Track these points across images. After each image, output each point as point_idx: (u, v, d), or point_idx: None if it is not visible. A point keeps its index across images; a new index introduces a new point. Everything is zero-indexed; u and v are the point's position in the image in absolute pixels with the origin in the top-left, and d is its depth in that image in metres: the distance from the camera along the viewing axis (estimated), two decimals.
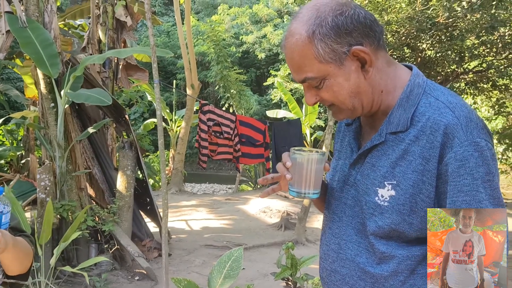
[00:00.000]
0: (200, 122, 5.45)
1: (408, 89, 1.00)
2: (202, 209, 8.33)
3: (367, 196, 1.02)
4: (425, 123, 0.95)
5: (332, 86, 0.98)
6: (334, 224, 1.12)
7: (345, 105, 1.01)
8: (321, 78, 0.98)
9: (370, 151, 1.04)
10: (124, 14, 6.04)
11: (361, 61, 0.97)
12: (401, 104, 1.00)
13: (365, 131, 1.11)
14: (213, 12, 19.72)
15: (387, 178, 0.98)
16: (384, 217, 0.98)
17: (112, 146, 6.15)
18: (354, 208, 1.06)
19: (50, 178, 4.32)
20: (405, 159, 0.96)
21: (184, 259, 5.27)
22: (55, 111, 4.44)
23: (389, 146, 1.00)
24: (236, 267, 2.69)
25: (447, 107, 0.95)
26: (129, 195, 5.04)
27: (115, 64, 6.03)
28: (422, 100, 0.98)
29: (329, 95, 1.00)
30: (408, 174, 0.95)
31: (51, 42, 4.33)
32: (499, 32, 6.39)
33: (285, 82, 14.10)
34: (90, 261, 3.16)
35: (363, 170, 1.04)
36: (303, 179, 1.02)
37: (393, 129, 0.99)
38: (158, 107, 3.47)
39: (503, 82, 7.48)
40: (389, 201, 0.97)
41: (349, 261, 1.06)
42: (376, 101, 1.02)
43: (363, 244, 1.04)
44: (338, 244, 1.09)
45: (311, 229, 6.63)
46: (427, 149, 0.93)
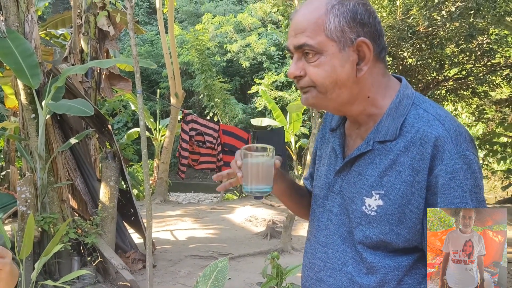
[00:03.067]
0: (182, 132, 5.43)
1: (398, 99, 1.01)
2: (187, 219, 8.26)
3: (354, 205, 1.01)
4: (415, 135, 0.95)
5: (324, 65, 0.96)
6: (320, 232, 1.10)
7: (325, 90, 0.98)
8: (319, 51, 0.96)
9: (356, 159, 1.03)
10: (107, 24, 6.00)
11: (360, 57, 0.98)
12: (390, 114, 1.00)
13: (349, 139, 1.10)
14: (196, 21, 19.76)
15: (374, 187, 0.98)
16: (372, 227, 0.97)
17: (95, 156, 6.07)
18: (340, 216, 1.05)
19: (31, 190, 4.24)
20: (393, 169, 0.96)
21: (169, 270, 5.21)
22: (36, 122, 4.37)
23: (376, 155, 1.00)
24: (222, 278, 2.66)
25: (437, 119, 0.96)
26: (113, 206, 4.97)
27: (97, 73, 5.98)
28: (411, 111, 0.99)
29: (315, 73, 0.97)
30: (397, 184, 0.95)
31: (31, 53, 4.27)
32: (477, 40, 6.54)
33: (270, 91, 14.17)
34: (73, 275, 3.10)
35: (349, 178, 1.04)
36: (254, 177, 1.05)
37: (381, 138, 0.99)
38: (141, 117, 3.45)
39: (482, 89, 7.64)
40: (376, 210, 0.97)
41: (336, 270, 1.04)
42: (358, 105, 1.02)
43: (349, 253, 1.02)
44: (325, 253, 1.07)
45: (297, 237, 6.63)
46: (417, 160, 0.93)
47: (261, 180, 1.06)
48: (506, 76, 7.32)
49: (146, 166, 3.40)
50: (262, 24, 18.75)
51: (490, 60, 7.09)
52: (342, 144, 1.10)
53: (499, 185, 11.00)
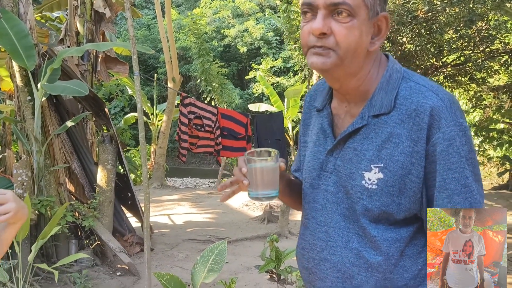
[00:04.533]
0: (180, 115, 5.39)
1: (388, 73, 1.02)
2: (185, 203, 8.28)
3: (352, 180, 1.01)
4: (409, 106, 0.97)
5: (355, 29, 0.95)
6: (318, 212, 1.09)
7: (344, 54, 0.96)
8: (354, 13, 0.95)
9: (350, 136, 1.03)
10: (103, 6, 5.91)
11: (375, 31, 1.00)
12: (382, 88, 1.01)
13: (337, 118, 1.09)
14: (194, 5, 19.52)
15: (373, 161, 0.99)
16: (373, 200, 0.99)
17: (91, 140, 6.03)
18: (337, 194, 1.05)
19: (28, 173, 4.22)
20: (391, 141, 0.98)
21: (167, 253, 5.23)
22: (31, 105, 4.33)
23: (371, 129, 1.01)
24: (220, 261, 2.68)
25: (430, 90, 0.98)
26: (110, 190, 4.96)
27: (94, 56, 5.90)
28: (402, 85, 1.01)
29: (345, 35, 0.95)
30: (396, 156, 0.97)
31: (26, 34, 4.21)
32: (476, 26, 6.50)
33: (267, 76, 14.10)
34: (70, 258, 3.10)
35: (344, 155, 1.04)
36: (260, 182, 1.05)
37: (376, 112, 1.00)
38: (138, 100, 3.41)
39: (481, 76, 7.61)
40: (377, 184, 0.98)
41: (340, 248, 1.04)
42: (358, 79, 1.02)
43: (353, 230, 1.03)
44: (325, 232, 1.07)
45: (294, 221, 6.66)
46: (414, 131, 0.95)
47: (267, 185, 1.06)
48: (504, 63, 7.30)
49: (143, 149, 3.37)
50: (260, 9, 18.57)
51: (488, 46, 7.05)
52: (331, 123, 1.09)
53: (495, 172, 11.06)
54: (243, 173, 1.05)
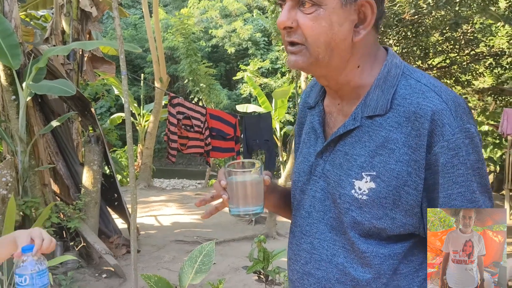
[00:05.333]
0: (169, 115, 5.36)
1: (386, 69, 0.90)
2: (172, 205, 8.23)
3: (341, 188, 0.90)
4: (408, 108, 0.86)
5: (321, 19, 0.85)
6: (304, 220, 0.98)
7: (315, 49, 0.86)
8: (318, 2, 0.84)
9: (341, 137, 0.92)
10: (89, 5, 5.83)
11: (359, 19, 0.87)
12: (378, 85, 0.90)
13: (329, 116, 0.98)
14: (181, 5, 19.45)
15: (364, 168, 0.88)
16: (363, 212, 0.87)
17: (77, 140, 5.95)
18: (324, 201, 0.94)
19: (12, 174, 4.14)
20: (385, 147, 0.86)
21: (154, 255, 5.19)
22: (16, 104, 4.26)
23: (364, 132, 0.89)
24: (208, 262, 2.66)
25: (432, 90, 0.86)
26: (96, 191, 4.90)
27: (80, 56, 5.83)
28: (402, 82, 0.89)
29: (310, 27, 0.85)
30: (391, 164, 0.85)
31: (11, 32, 4.14)
32: (462, 29, 6.60)
33: (255, 77, 14.11)
34: (58, 259, 3.05)
35: (334, 159, 0.93)
36: (241, 197, 0.94)
37: (370, 113, 0.89)
38: (125, 100, 3.38)
39: (466, 78, 7.74)
40: (368, 194, 0.87)
41: (325, 262, 0.93)
42: (346, 75, 0.91)
43: (339, 242, 0.92)
44: (310, 244, 0.96)
45: (282, 223, 6.67)
46: (412, 137, 0.84)
47: (250, 201, 0.94)
48: (489, 65, 7.44)
49: (130, 150, 3.34)
50: (248, 9, 18.59)
51: (474, 49, 7.18)
52: (322, 123, 0.99)
53: None
54: (222, 186, 0.94)
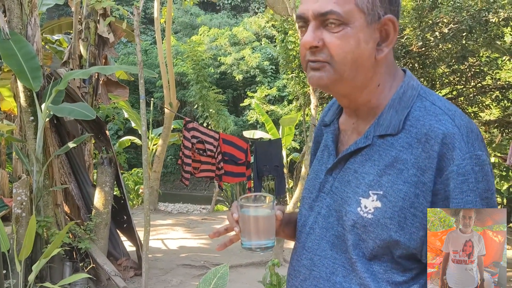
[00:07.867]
0: (184, 139, 5.46)
1: (402, 90, 0.91)
2: (178, 228, 8.22)
3: (347, 206, 0.89)
4: (420, 129, 0.85)
5: (349, 38, 0.85)
6: (306, 236, 0.97)
7: (341, 68, 0.87)
8: (345, 21, 0.85)
9: (352, 155, 0.92)
10: (107, 31, 6.05)
11: (382, 37, 0.89)
12: (393, 105, 0.90)
13: (344, 134, 0.99)
14: (191, 32, 19.90)
15: (372, 187, 0.87)
16: (367, 231, 0.86)
17: (89, 162, 6.04)
18: (328, 218, 0.94)
19: (27, 193, 4.21)
20: (395, 167, 0.85)
21: (161, 278, 5.18)
22: (34, 125, 4.37)
23: (375, 151, 0.89)
24: (222, 284, 2.67)
25: (446, 114, 0.86)
26: (107, 212, 4.95)
27: (95, 79, 6.00)
28: (417, 104, 0.89)
29: (338, 46, 0.85)
30: (399, 185, 0.84)
31: (33, 55, 4.29)
32: (468, 62, 6.72)
33: (262, 104, 14.28)
34: (70, 279, 3.08)
35: (343, 177, 0.93)
36: (253, 231, 0.95)
37: (382, 132, 0.89)
38: (143, 123, 3.48)
39: (472, 110, 7.81)
40: (373, 213, 0.85)
41: (323, 279, 0.91)
42: (367, 93, 0.91)
43: (339, 261, 0.90)
44: (310, 260, 0.95)
45: (289, 249, 6.63)
46: (422, 159, 0.83)
47: (262, 235, 0.95)
48: (495, 98, 7.51)
49: (146, 172, 3.42)
50: (256, 38, 18.98)
51: (480, 81, 7.27)
52: (336, 140, 0.99)
53: None
54: (234, 219, 0.96)
